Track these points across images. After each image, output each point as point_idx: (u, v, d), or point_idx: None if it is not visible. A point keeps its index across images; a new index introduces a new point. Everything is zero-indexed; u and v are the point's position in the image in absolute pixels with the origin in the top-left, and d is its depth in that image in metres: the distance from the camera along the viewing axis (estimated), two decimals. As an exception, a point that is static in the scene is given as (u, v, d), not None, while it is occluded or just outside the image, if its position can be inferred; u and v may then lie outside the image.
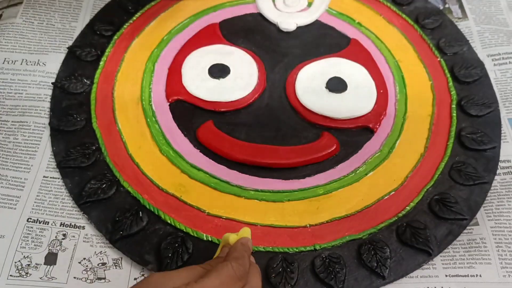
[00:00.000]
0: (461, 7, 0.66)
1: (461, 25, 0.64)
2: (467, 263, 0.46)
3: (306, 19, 0.63)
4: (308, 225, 0.47)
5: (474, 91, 0.57)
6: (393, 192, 0.50)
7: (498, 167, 0.52)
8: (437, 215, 0.48)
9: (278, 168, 0.51)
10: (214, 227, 0.47)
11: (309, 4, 0.65)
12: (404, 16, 0.64)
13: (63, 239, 0.46)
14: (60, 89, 0.56)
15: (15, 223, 0.46)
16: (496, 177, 0.51)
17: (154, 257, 0.45)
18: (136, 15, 0.63)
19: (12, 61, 0.58)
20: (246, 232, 0.39)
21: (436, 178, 0.50)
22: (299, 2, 0.65)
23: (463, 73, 0.58)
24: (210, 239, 0.46)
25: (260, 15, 0.64)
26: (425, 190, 0.49)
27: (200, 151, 0.52)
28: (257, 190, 0.49)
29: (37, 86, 0.56)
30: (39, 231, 0.46)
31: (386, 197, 0.49)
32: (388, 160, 0.52)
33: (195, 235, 0.46)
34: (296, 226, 0.47)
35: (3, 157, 0.51)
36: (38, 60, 0.58)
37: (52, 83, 0.57)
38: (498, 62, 0.60)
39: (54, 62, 0.59)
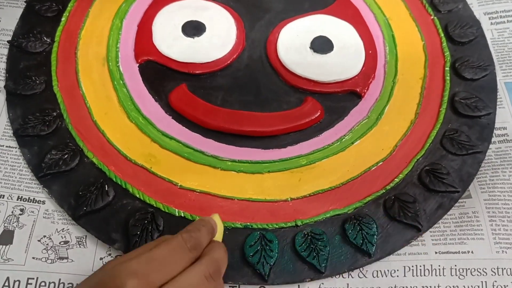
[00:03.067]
0: (457, -41, 0.61)
1: (457, -20, 0.59)
2: (458, 238, 0.43)
3: (289, -29, 0.58)
4: (289, 199, 0.44)
5: (469, 52, 0.53)
6: (381, 163, 0.46)
7: (493, 135, 0.48)
8: (428, 188, 0.45)
9: (258, 136, 0.47)
10: (187, 201, 0.43)
11: (293, -45, 0.59)
12: (395, -31, 0.59)
13: (20, 214, 0.42)
14: (17, 48, 0.51)
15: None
16: (490, 146, 0.48)
17: (121, 235, 0.41)
18: (102, -35, 0.57)
19: (-38, 17, 0.52)
20: (215, 217, 0.37)
21: (427, 147, 0.47)
22: (281, -48, 0.59)
23: (458, 33, 0.54)
24: (182, 215, 0.42)
25: (238, -34, 0.58)
26: (415, 160, 0.46)
27: (172, 118, 0.48)
28: (234, 161, 0.45)
29: (-9, 45, 0.51)
30: (-6, 207, 0.42)
31: (373, 168, 0.46)
32: (376, 128, 0.48)
33: (166, 211, 0.42)
34: (276, 200, 0.44)
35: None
36: (-8, 15, 0.52)
37: (8, 42, 0.51)
38: (495, 21, 0.56)
39: (10, 18, 0.53)
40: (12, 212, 0.42)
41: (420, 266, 0.41)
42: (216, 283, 0.33)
